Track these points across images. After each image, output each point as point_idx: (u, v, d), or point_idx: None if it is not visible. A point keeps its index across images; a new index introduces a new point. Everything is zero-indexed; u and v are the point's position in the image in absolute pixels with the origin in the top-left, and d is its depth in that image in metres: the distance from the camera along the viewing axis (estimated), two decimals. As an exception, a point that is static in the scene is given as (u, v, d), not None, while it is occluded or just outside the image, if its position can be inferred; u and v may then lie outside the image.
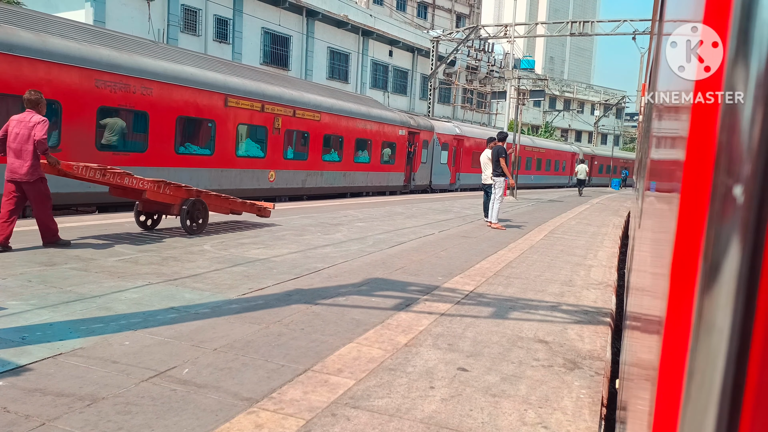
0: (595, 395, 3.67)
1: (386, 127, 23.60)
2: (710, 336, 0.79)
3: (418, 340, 4.49)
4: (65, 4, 22.38)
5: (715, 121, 0.80)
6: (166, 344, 4.06)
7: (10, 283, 5.44)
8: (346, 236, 9.96)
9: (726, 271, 0.77)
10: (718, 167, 0.79)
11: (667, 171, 1.31)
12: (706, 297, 0.79)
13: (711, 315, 0.78)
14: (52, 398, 3.12)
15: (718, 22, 0.80)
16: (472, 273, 7.32)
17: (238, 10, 28.08)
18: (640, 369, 1.55)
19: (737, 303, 0.76)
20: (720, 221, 0.78)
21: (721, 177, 0.78)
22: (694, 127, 0.86)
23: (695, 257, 0.81)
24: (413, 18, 49.39)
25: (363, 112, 22.27)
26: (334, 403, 3.26)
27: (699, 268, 0.80)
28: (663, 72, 1.63)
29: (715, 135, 0.79)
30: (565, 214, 17.93)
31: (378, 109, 24.01)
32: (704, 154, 0.81)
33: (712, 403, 0.78)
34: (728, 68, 0.78)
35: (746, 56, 0.77)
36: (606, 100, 70.60)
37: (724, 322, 0.77)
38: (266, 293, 5.70)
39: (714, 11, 0.82)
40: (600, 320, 5.54)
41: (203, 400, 3.19)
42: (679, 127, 1.05)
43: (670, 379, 0.86)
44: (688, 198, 0.86)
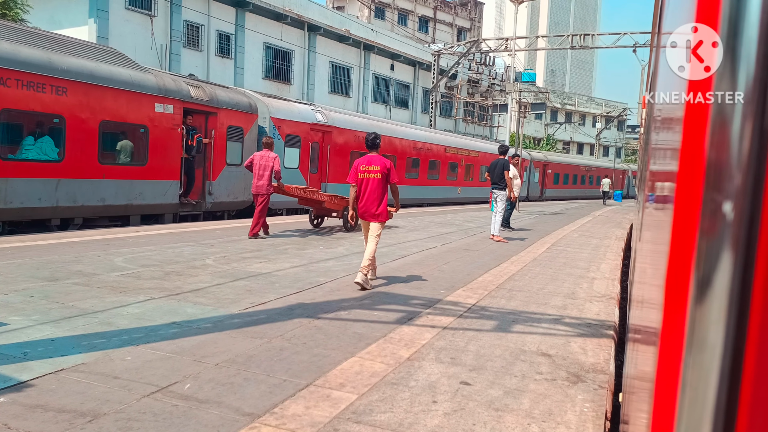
0: (599, 409, 3.65)
1: (109, 94, 12.13)
2: (703, 349, 0.79)
3: (420, 354, 4.48)
4: (69, 20, 22.60)
5: (705, 131, 0.80)
6: (168, 359, 4.05)
7: (12, 299, 5.45)
8: (348, 250, 9.95)
9: (718, 282, 0.77)
10: (710, 175, 0.79)
11: (662, 182, 1.31)
12: (699, 309, 0.79)
13: (704, 327, 0.79)
14: (54, 414, 3.11)
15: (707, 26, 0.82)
16: (474, 286, 7.30)
17: (240, 26, 28.29)
18: (641, 382, 1.55)
19: (729, 315, 0.77)
20: (711, 232, 0.78)
21: (713, 185, 0.78)
22: (687, 137, 0.86)
23: (687, 268, 0.81)
24: (414, 32, 49.67)
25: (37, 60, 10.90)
26: (336, 418, 3.25)
27: (691, 279, 0.80)
28: (661, 82, 1.64)
29: (705, 146, 0.80)
30: (567, 226, 17.91)
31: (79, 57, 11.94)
32: (696, 162, 0.82)
33: (706, 415, 0.78)
34: (717, 76, 0.79)
35: (735, 66, 0.78)
36: (607, 112, 70.71)
37: (717, 334, 0.77)
38: (268, 307, 5.69)
39: (705, 17, 0.83)
40: (603, 333, 5.52)
41: (205, 416, 3.18)
42: (673, 138, 1.06)
43: (666, 392, 0.86)
44: (680, 207, 0.86)
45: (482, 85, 47.50)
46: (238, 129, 15.96)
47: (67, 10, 22.86)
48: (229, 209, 16.29)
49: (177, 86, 13.97)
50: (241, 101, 16.19)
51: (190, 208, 14.72)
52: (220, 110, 15.22)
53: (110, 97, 12.19)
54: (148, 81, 13.19)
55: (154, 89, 13.27)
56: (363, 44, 36.06)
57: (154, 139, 13.26)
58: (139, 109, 12.88)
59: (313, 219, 13.28)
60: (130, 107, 12.69)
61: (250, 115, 16.45)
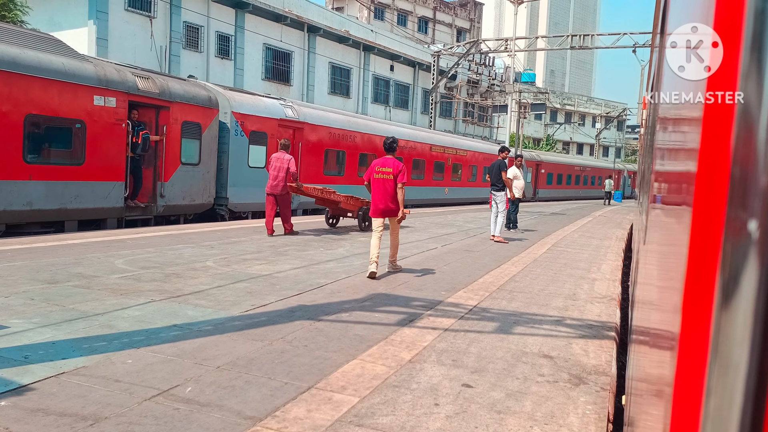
0: (601, 411, 3.64)
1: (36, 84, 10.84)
2: (729, 354, 0.77)
3: (422, 356, 4.46)
4: (68, 22, 22.59)
5: (730, 127, 0.78)
6: (169, 362, 4.04)
7: (12, 302, 5.43)
8: (348, 251, 9.94)
9: (744, 285, 0.75)
10: (735, 176, 0.77)
11: (674, 183, 1.29)
12: (724, 313, 0.77)
13: (729, 332, 0.77)
14: (55, 418, 3.09)
15: (728, 26, 0.80)
16: (475, 287, 7.29)
17: (239, 27, 28.28)
18: (649, 385, 1.53)
19: (756, 319, 0.75)
20: (736, 235, 0.76)
21: (739, 186, 0.76)
22: (707, 136, 0.84)
23: (711, 272, 0.79)
24: (414, 33, 49.69)
25: None
26: (338, 421, 3.23)
27: (716, 283, 0.78)
28: (668, 82, 1.62)
29: (730, 146, 0.78)
30: (567, 227, 17.90)
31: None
32: (719, 163, 0.79)
33: (732, 421, 0.77)
34: (742, 71, 0.77)
35: (760, 59, 0.76)
36: (607, 112, 70.69)
37: (743, 338, 0.75)
38: (269, 309, 5.68)
39: (723, 18, 0.81)
40: (605, 334, 5.50)
41: (206, 419, 3.17)
42: (689, 137, 1.04)
43: (687, 396, 0.84)
44: (701, 209, 0.84)
45: (482, 85, 47.49)
46: (195, 125, 14.48)
47: (66, 11, 22.84)
48: (185, 213, 14.72)
49: (121, 77, 12.52)
50: (198, 94, 14.73)
51: (138, 212, 13.43)
52: (174, 104, 13.80)
53: (38, 88, 10.83)
54: (86, 71, 11.78)
55: (93, 80, 11.84)
56: (362, 45, 36.05)
57: (92, 135, 11.89)
58: (74, 101, 11.52)
59: (329, 219, 13.75)
60: (63, 100, 11.32)
61: (210, 109, 14.96)
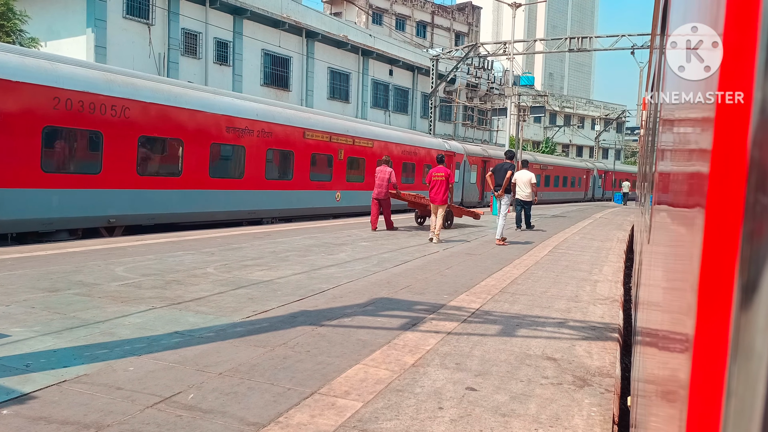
0: (606, 413, 3.61)
1: None
2: (750, 356, 0.75)
3: (425, 360, 4.44)
4: (67, 30, 22.64)
5: (746, 132, 0.77)
6: (171, 369, 4.02)
7: (13, 310, 5.41)
8: (350, 256, 9.92)
9: (765, 287, 0.74)
10: (752, 176, 0.75)
11: (683, 183, 1.28)
12: (744, 315, 0.75)
13: (750, 334, 0.75)
14: (57, 426, 3.07)
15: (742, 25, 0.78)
16: (477, 290, 7.27)
17: (238, 33, 28.33)
18: (658, 387, 1.51)
19: None
20: (755, 235, 0.75)
21: (756, 187, 0.74)
22: (720, 135, 0.83)
23: (729, 273, 0.78)
24: (412, 37, 49.76)
25: None
26: (341, 426, 3.21)
27: (735, 285, 0.77)
28: (671, 82, 1.60)
29: (747, 146, 0.76)
30: (568, 229, 17.88)
31: None
32: (734, 163, 0.77)
33: (754, 423, 0.75)
34: (758, 75, 0.75)
35: None
36: (606, 114, 70.76)
37: (765, 341, 0.74)
38: (271, 315, 5.66)
39: (736, 16, 0.80)
40: (608, 336, 5.48)
41: (209, 426, 3.14)
42: (698, 138, 1.02)
43: (704, 400, 0.83)
44: (715, 210, 0.82)
45: (481, 89, 47.53)
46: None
47: (65, 20, 22.90)
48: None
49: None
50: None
51: None
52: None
53: None
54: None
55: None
56: (361, 50, 36.13)
57: None
58: None
59: (417, 218, 16.93)
60: None
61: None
